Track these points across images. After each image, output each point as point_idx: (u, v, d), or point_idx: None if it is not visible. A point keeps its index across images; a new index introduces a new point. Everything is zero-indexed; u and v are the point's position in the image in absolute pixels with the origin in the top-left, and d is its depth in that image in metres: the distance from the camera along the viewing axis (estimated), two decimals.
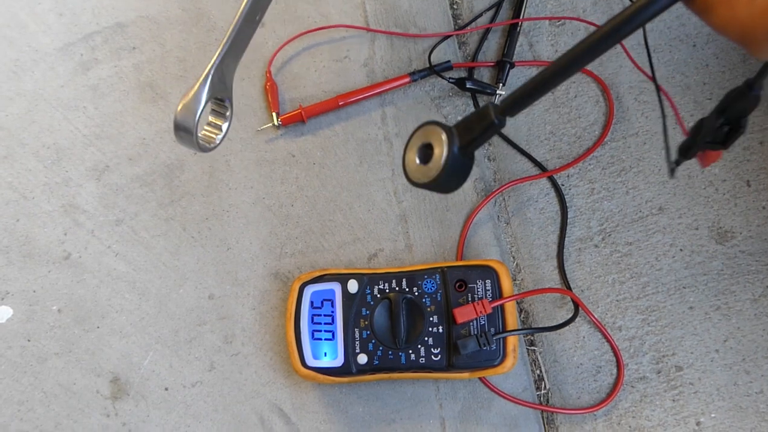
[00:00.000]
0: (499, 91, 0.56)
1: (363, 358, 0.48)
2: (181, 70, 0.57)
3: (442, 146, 0.29)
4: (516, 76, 0.57)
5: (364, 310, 0.49)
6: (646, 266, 0.53)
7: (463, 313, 0.47)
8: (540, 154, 0.55)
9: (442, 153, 0.29)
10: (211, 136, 0.38)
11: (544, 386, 0.52)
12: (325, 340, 0.49)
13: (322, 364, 0.48)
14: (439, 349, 0.47)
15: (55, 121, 0.56)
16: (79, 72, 0.57)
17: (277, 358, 0.53)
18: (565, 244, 0.54)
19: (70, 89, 0.57)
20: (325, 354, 0.48)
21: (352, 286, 0.49)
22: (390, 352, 0.48)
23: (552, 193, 0.55)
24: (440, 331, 0.48)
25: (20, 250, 0.54)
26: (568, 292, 0.52)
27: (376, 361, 0.48)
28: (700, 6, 0.25)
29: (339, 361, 0.48)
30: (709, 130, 0.34)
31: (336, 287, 0.49)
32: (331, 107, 0.55)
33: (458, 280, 0.48)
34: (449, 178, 0.29)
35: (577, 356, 0.52)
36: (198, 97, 0.34)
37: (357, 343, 0.48)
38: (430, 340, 0.48)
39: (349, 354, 0.48)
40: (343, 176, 0.55)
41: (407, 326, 0.48)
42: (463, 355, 0.47)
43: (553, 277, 0.54)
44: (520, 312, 0.54)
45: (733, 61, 0.56)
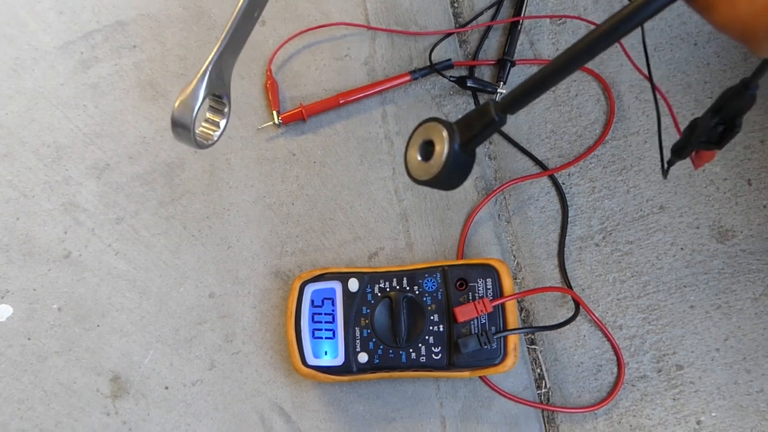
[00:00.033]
0: (500, 90, 0.55)
1: (363, 357, 0.48)
2: (181, 68, 0.57)
3: (443, 143, 0.29)
4: (517, 75, 0.57)
5: (364, 309, 0.49)
6: (647, 265, 0.53)
7: (464, 312, 0.47)
8: (541, 153, 0.55)
9: (443, 150, 0.29)
10: (209, 133, 0.37)
11: (545, 385, 0.52)
12: (326, 338, 0.48)
13: (323, 362, 0.48)
14: (440, 347, 0.47)
15: (56, 120, 0.56)
16: (79, 70, 0.57)
17: (278, 356, 0.52)
18: (566, 243, 0.54)
19: (71, 87, 0.57)
20: (326, 353, 0.48)
21: (353, 285, 0.49)
22: (390, 351, 0.48)
23: (553, 192, 0.55)
24: (441, 329, 0.48)
25: (20, 249, 0.54)
26: (568, 291, 0.52)
27: (377, 360, 0.48)
28: (701, 4, 0.25)
29: (339, 360, 0.48)
30: (704, 129, 0.33)
31: (337, 286, 0.49)
32: (332, 105, 0.55)
33: (459, 279, 0.48)
34: (450, 175, 0.29)
35: (577, 355, 0.52)
36: (195, 93, 0.34)
37: (357, 341, 0.48)
38: (431, 339, 0.48)
39: (350, 353, 0.48)
40: (344, 175, 0.55)
41: (408, 325, 0.48)
42: (463, 353, 0.47)
43: (554, 275, 0.54)
44: (521, 311, 0.54)
45: (735, 60, 0.55)
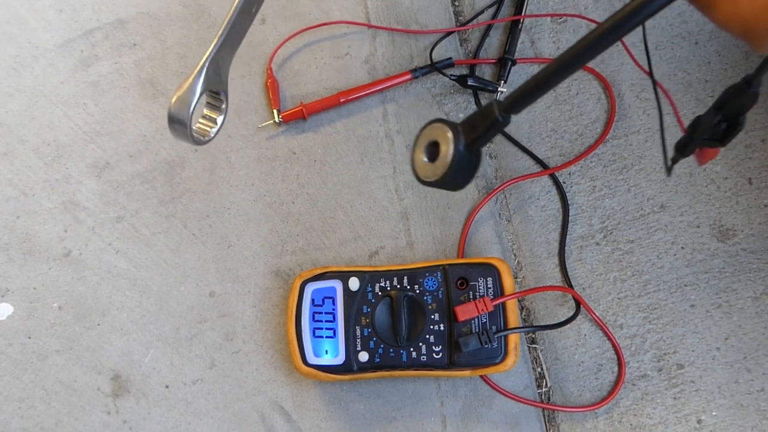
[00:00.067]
0: (501, 88, 0.55)
1: (364, 356, 0.48)
2: (181, 66, 0.57)
3: (448, 144, 0.29)
4: (517, 74, 0.57)
5: (365, 308, 0.49)
6: (648, 264, 0.53)
7: (465, 311, 0.47)
8: (541, 152, 0.55)
9: (448, 150, 0.29)
10: (206, 129, 0.37)
11: (546, 384, 0.52)
12: (326, 337, 0.48)
13: (323, 361, 0.48)
14: (441, 346, 0.47)
15: (56, 118, 0.56)
16: (79, 68, 0.57)
17: (278, 355, 0.52)
18: (567, 242, 0.54)
19: (71, 86, 0.57)
20: (326, 352, 0.48)
21: (354, 284, 0.49)
22: (391, 350, 0.48)
23: (553, 191, 0.55)
24: (441, 328, 0.48)
25: (20, 247, 0.54)
26: (569, 290, 0.52)
27: (378, 359, 0.48)
28: (703, 2, 0.25)
29: (340, 359, 0.48)
30: (707, 127, 0.33)
31: (337, 285, 0.49)
32: (332, 104, 0.55)
33: (460, 278, 0.48)
34: (456, 176, 0.30)
35: (578, 354, 0.52)
36: (192, 89, 0.34)
37: (358, 340, 0.48)
38: (432, 338, 0.47)
39: (351, 352, 0.48)
40: (344, 173, 0.55)
41: (408, 324, 0.48)
42: (464, 352, 0.47)
43: (555, 274, 0.54)
44: (522, 310, 0.54)
45: (736, 59, 0.55)
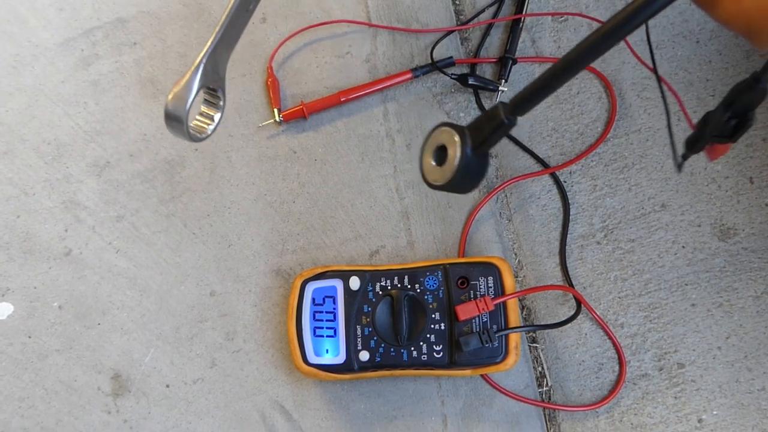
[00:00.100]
0: (502, 88, 0.55)
1: (365, 355, 0.48)
2: (182, 65, 0.57)
3: (455, 147, 0.30)
4: (518, 73, 0.57)
5: (365, 307, 0.49)
6: (649, 263, 0.53)
7: (465, 310, 0.47)
8: (542, 151, 0.55)
9: (455, 154, 0.29)
10: (203, 126, 0.37)
11: (546, 383, 0.52)
12: (327, 337, 0.48)
13: (324, 361, 0.48)
14: (441, 346, 0.47)
15: (56, 117, 0.56)
16: (79, 67, 0.57)
17: (279, 355, 0.52)
18: (568, 241, 0.54)
19: (71, 85, 0.57)
20: (327, 351, 0.48)
21: (354, 283, 0.49)
22: (392, 349, 0.48)
23: (554, 190, 0.55)
24: (442, 328, 0.48)
25: (21, 247, 0.54)
26: (570, 289, 0.52)
27: (378, 358, 0.48)
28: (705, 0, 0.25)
29: (341, 358, 0.48)
30: (717, 123, 0.33)
31: (338, 284, 0.49)
32: (333, 103, 0.55)
33: (460, 277, 0.48)
34: (464, 179, 0.30)
35: (579, 353, 0.52)
36: (189, 85, 0.33)
37: (359, 340, 0.48)
38: (432, 337, 0.47)
39: (351, 351, 0.48)
40: (345, 173, 0.55)
41: (409, 323, 0.48)
42: (465, 352, 0.46)
43: (555, 274, 0.54)
44: (522, 309, 0.54)
45: (737, 58, 0.55)
